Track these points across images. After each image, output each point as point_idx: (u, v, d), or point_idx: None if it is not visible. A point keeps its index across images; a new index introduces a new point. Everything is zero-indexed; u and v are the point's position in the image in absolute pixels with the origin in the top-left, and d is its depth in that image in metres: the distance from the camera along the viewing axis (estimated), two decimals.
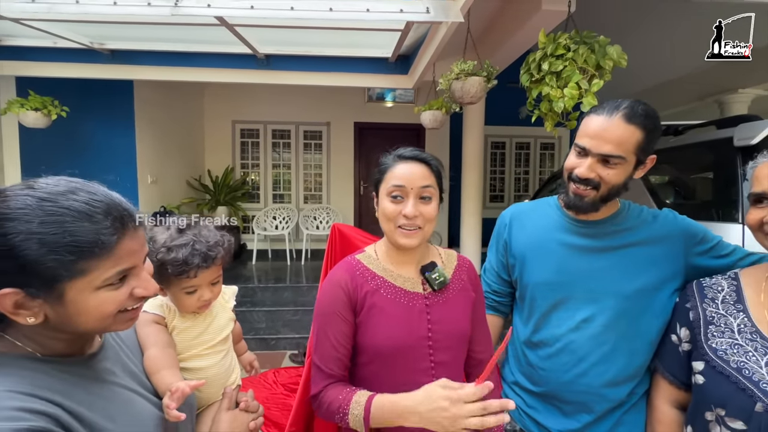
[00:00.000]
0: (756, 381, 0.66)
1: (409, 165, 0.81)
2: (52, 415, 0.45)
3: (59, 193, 0.48)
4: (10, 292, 0.44)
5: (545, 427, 0.95)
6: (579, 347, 0.90)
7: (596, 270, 0.91)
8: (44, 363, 0.49)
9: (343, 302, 0.82)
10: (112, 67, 3.22)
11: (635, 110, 0.82)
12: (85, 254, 0.46)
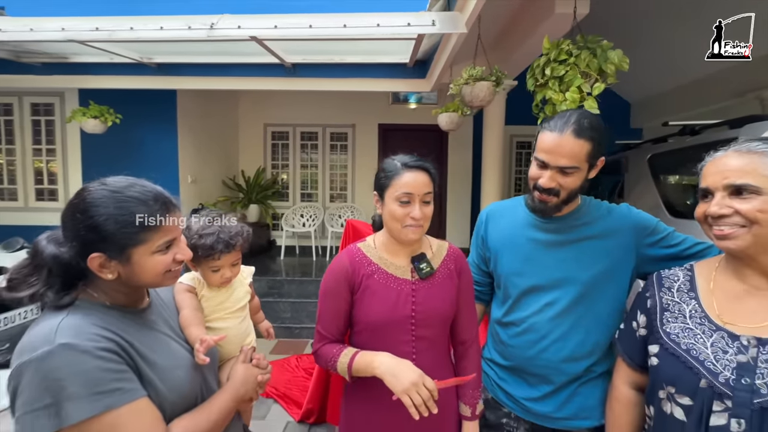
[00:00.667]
0: (702, 360, 0.73)
1: (414, 174, 0.95)
2: (116, 342, 0.65)
3: (123, 187, 0.69)
4: (96, 256, 0.65)
5: (512, 395, 1.08)
6: (541, 327, 1.03)
7: (558, 261, 1.02)
8: (111, 309, 0.70)
9: (343, 285, 1.00)
10: (158, 78, 3.59)
11: (582, 125, 0.93)
12: (142, 228, 0.66)
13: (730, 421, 0.67)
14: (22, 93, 4.30)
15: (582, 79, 1.84)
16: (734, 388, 0.67)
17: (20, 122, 4.39)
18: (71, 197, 0.70)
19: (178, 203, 0.76)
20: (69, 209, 0.68)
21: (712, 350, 0.73)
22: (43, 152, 4.44)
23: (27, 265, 0.69)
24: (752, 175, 0.70)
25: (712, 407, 0.69)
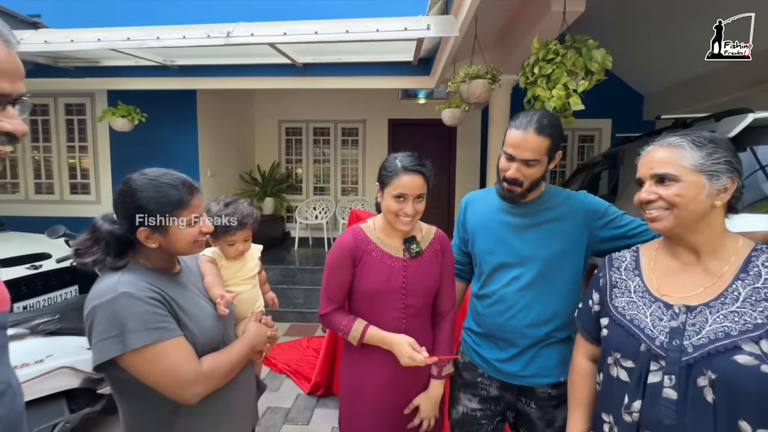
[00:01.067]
0: (642, 328, 0.82)
1: (411, 177, 1.12)
2: (160, 294, 0.85)
3: (158, 176, 0.89)
4: (144, 230, 0.86)
5: (485, 358, 1.25)
6: (509, 298, 1.19)
7: (523, 241, 1.18)
8: (153, 271, 0.91)
9: (347, 258, 1.19)
10: (180, 79, 3.85)
11: (542, 124, 1.08)
12: (177, 206, 0.87)
13: (663, 378, 0.76)
14: (57, 94, 4.65)
15: (568, 77, 1.97)
16: (667, 349, 0.77)
17: (55, 121, 4.76)
18: (120, 185, 0.90)
19: (200, 187, 0.96)
20: (119, 195, 0.89)
21: (650, 319, 0.83)
22: (76, 149, 4.80)
23: (88, 239, 0.90)
24: (672, 165, 0.81)
25: (650, 367, 0.79)
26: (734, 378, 0.67)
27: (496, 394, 1.25)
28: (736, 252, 0.79)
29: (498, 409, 1.26)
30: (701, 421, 0.70)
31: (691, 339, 0.74)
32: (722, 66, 4.91)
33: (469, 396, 1.28)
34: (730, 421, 0.68)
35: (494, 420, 1.27)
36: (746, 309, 0.71)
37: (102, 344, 0.76)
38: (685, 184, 0.79)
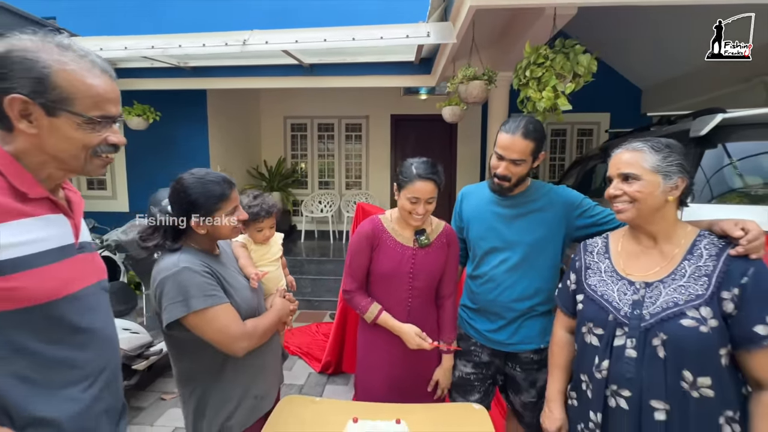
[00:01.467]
0: (610, 301, 0.98)
1: (424, 183, 1.28)
2: (210, 269, 1.05)
3: (203, 175, 1.09)
4: (196, 219, 1.05)
5: (477, 329, 1.45)
6: (497, 278, 1.39)
7: (511, 228, 1.38)
8: (202, 252, 1.11)
9: (365, 245, 1.40)
10: (192, 80, 4.03)
11: (528, 129, 1.26)
12: (220, 200, 1.06)
13: (626, 341, 0.92)
14: None
15: (557, 80, 2.14)
16: (629, 318, 0.92)
17: None
18: (173, 183, 1.10)
19: (236, 183, 1.16)
20: (174, 192, 1.08)
21: (617, 294, 0.99)
22: None
23: (150, 227, 1.10)
24: (634, 166, 0.96)
25: (615, 333, 0.95)
26: (680, 337, 0.86)
27: (487, 360, 1.45)
28: (685, 237, 0.96)
29: (489, 373, 1.47)
30: (654, 373, 0.88)
31: (648, 309, 0.91)
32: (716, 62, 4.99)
33: (464, 362, 1.49)
34: (676, 371, 0.86)
35: (486, 382, 1.48)
36: (690, 283, 0.89)
37: (171, 307, 0.97)
38: (645, 182, 0.94)
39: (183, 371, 1.11)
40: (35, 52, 0.66)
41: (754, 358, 0.83)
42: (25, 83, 0.66)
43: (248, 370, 1.14)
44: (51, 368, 0.70)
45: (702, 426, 0.85)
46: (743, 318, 0.83)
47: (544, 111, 2.25)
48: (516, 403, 1.48)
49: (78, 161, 0.74)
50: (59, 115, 0.69)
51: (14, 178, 0.69)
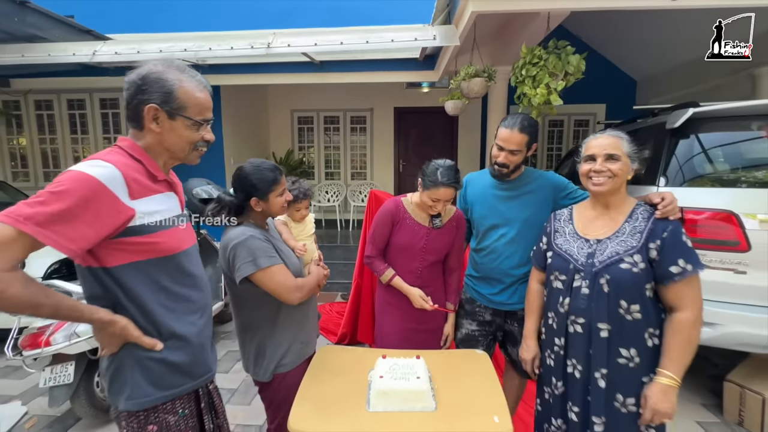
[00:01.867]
0: (571, 254, 1.25)
1: (446, 189, 1.52)
2: (267, 237, 1.33)
3: (259, 164, 1.36)
4: (255, 199, 1.32)
5: (481, 293, 1.73)
6: (497, 249, 1.66)
7: (508, 208, 1.65)
8: (257, 227, 1.38)
9: (388, 220, 1.67)
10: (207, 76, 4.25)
11: (524, 124, 1.52)
12: (273, 183, 1.33)
13: (582, 283, 1.23)
14: (93, 90, 5.07)
15: (549, 78, 2.39)
16: (584, 265, 1.23)
17: (92, 115, 5.19)
18: (236, 171, 1.36)
19: (284, 171, 1.42)
20: (236, 177, 1.35)
21: (576, 249, 1.27)
22: (111, 141, 5.25)
23: (216, 205, 1.37)
24: (617, 149, 1.22)
25: (574, 278, 1.24)
26: (619, 277, 1.15)
27: (489, 319, 1.74)
28: (628, 206, 1.24)
29: (491, 330, 1.75)
30: (600, 304, 1.18)
31: (598, 258, 1.21)
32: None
33: (470, 321, 1.77)
34: (615, 301, 1.16)
35: (488, 338, 1.76)
36: (628, 238, 1.18)
37: (243, 266, 1.24)
38: (622, 163, 1.20)
39: (244, 321, 1.40)
40: (164, 74, 0.93)
41: (669, 290, 1.13)
42: (157, 96, 0.93)
43: (295, 320, 1.43)
44: (179, 301, 0.99)
45: (632, 340, 1.16)
46: (662, 261, 1.12)
47: (538, 106, 2.51)
48: (513, 354, 1.77)
49: (184, 153, 1.01)
50: (176, 118, 0.96)
51: (148, 165, 0.96)
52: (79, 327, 1.94)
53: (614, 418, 1.18)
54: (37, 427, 2.16)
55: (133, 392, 0.94)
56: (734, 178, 2.05)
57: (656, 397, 1.09)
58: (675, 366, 1.09)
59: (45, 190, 0.81)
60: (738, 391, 2.09)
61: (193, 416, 1.04)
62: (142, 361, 0.94)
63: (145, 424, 0.96)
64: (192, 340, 1.00)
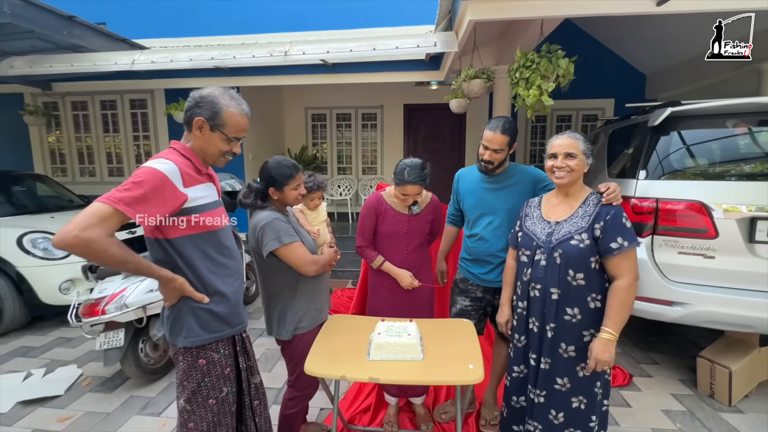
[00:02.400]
0: (535, 233, 1.54)
1: (413, 186, 1.80)
2: (288, 219, 1.62)
3: (281, 160, 1.64)
4: (272, 189, 1.61)
5: (473, 273, 1.98)
6: (486, 235, 1.91)
7: (495, 198, 1.89)
8: (278, 212, 1.67)
9: (372, 213, 1.94)
10: (228, 79, 4.57)
11: (505, 127, 1.76)
12: (289, 178, 1.62)
13: (541, 257, 1.49)
14: (123, 92, 5.47)
15: (541, 80, 2.60)
16: (544, 242, 1.49)
17: (122, 115, 5.61)
18: (262, 165, 1.65)
19: (301, 168, 1.70)
20: (262, 170, 1.64)
21: (540, 229, 1.53)
22: (140, 138, 5.66)
23: (248, 191, 1.66)
24: (575, 148, 1.46)
25: (536, 252, 1.52)
26: (568, 251, 1.40)
27: (480, 296, 1.99)
28: (583, 194, 1.49)
29: (482, 305, 2.01)
30: (553, 273, 1.44)
31: (555, 236, 1.47)
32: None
33: (463, 297, 2.03)
34: (565, 271, 1.41)
35: (479, 312, 2.02)
36: (578, 220, 1.42)
37: (269, 242, 1.53)
38: (579, 160, 1.45)
39: (269, 290, 1.70)
40: (217, 97, 1.22)
41: (610, 262, 1.38)
42: (207, 112, 1.21)
43: (310, 291, 1.72)
44: (220, 267, 1.29)
45: (576, 301, 1.42)
46: (604, 239, 1.37)
47: (532, 105, 2.72)
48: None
49: (213, 158, 1.29)
50: (216, 132, 1.24)
51: (195, 162, 1.25)
52: (128, 299, 2.29)
53: (558, 360, 1.47)
54: (92, 386, 2.53)
55: (188, 333, 1.24)
56: (706, 172, 2.23)
57: (598, 348, 1.34)
58: (613, 323, 1.34)
59: (129, 180, 1.11)
60: (709, 365, 2.30)
61: (231, 356, 1.34)
62: (195, 310, 1.25)
63: (197, 358, 1.26)
64: (230, 297, 1.30)
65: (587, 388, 1.49)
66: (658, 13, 2.51)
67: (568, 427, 1.53)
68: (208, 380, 1.28)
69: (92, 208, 1.05)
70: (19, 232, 3.30)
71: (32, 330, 3.41)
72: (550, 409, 1.53)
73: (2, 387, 2.47)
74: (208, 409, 1.28)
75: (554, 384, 1.51)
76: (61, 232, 1.02)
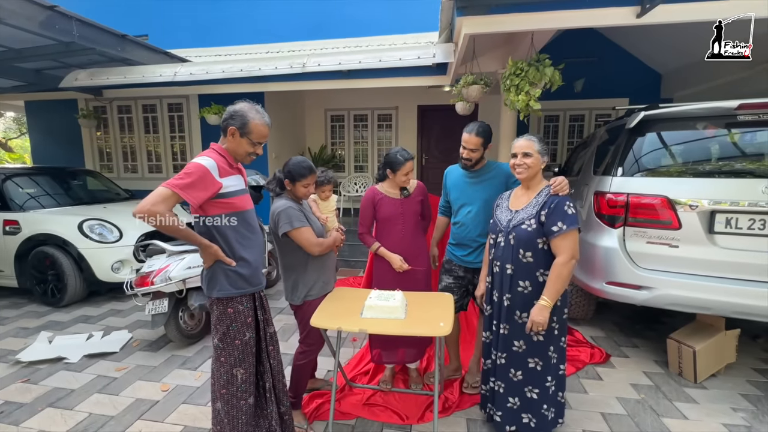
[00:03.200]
0: (500, 220, 1.86)
1: (409, 162, 2.18)
2: (300, 207, 2.01)
3: (301, 160, 2.03)
4: (287, 181, 2.00)
5: (456, 255, 2.31)
6: (466, 222, 2.23)
7: (474, 191, 2.21)
8: (292, 201, 2.06)
9: (370, 203, 2.30)
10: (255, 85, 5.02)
11: (479, 130, 2.08)
12: (302, 177, 1.99)
13: (502, 239, 1.81)
14: (162, 96, 6.08)
15: (530, 87, 2.89)
16: (506, 227, 1.81)
17: (161, 117, 6.22)
18: (287, 161, 2.04)
19: (315, 169, 2.08)
20: (284, 165, 2.03)
21: (504, 217, 1.86)
22: (177, 138, 6.26)
23: (272, 179, 2.06)
24: (530, 148, 1.78)
25: (498, 235, 1.85)
26: (520, 234, 1.72)
27: (462, 275, 2.32)
28: (540, 187, 1.79)
29: (463, 283, 2.33)
30: (508, 252, 1.76)
31: (512, 222, 1.78)
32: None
33: (448, 276, 2.36)
34: (517, 250, 1.73)
35: (461, 289, 2.34)
36: (530, 209, 1.73)
37: (283, 225, 1.92)
38: (534, 158, 1.77)
39: (286, 263, 2.09)
40: (246, 112, 1.61)
41: (552, 242, 1.68)
42: (238, 123, 1.61)
43: (319, 266, 2.10)
44: (245, 238, 1.68)
45: (526, 275, 1.73)
46: (547, 223, 1.67)
47: (523, 109, 3.01)
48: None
49: (241, 156, 1.68)
50: (244, 137, 1.63)
51: (228, 158, 1.65)
52: (171, 273, 2.76)
53: (514, 325, 1.78)
54: (140, 346, 3.03)
55: (220, 288, 1.65)
56: (674, 170, 2.46)
57: (534, 312, 1.66)
58: (549, 293, 1.64)
59: (182, 172, 1.52)
60: (677, 345, 2.53)
61: (252, 309, 1.73)
62: (225, 272, 1.65)
63: (226, 307, 1.66)
64: (252, 262, 1.69)
65: (541, 351, 1.78)
66: (638, 24, 2.73)
67: (527, 385, 1.82)
68: (235, 326, 1.67)
69: (158, 190, 1.46)
70: (80, 219, 3.88)
71: (89, 303, 3.99)
72: (510, 368, 1.84)
73: (70, 344, 3.01)
74: (235, 348, 1.68)
75: (512, 346, 1.82)
76: (139, 205, 1.44)
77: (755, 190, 2.18)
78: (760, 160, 2.26)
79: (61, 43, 3.61)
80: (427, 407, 2.23)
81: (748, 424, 2.09)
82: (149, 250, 3.00)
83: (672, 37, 6.04)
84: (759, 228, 2.20)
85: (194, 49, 5.92)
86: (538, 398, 1.79)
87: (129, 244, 3.91)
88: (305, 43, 5.61)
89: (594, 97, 6.99)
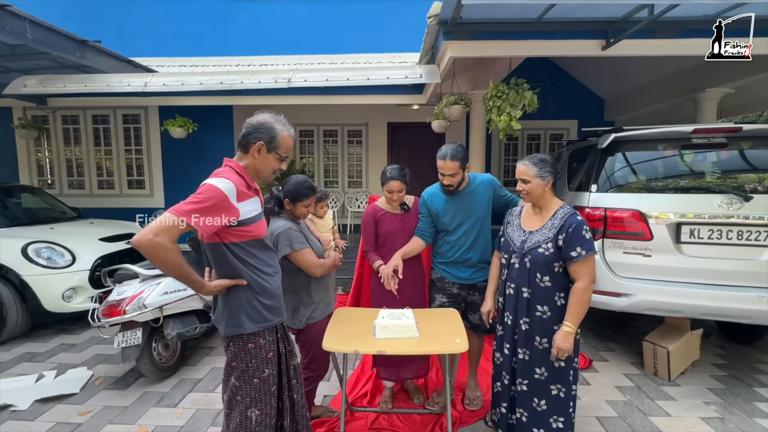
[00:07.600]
0: (512, 240, 1.91)
1: (394, 182, 2.18)
2: (299, 228, 1.94)
3: (302, 180, 1.97)
4: (287, 201, 1.92)
5: (449, 272, 2.32)
6: (460, 241, 2.26)
7: (463, 210, 2.24)
8: (291, 221, 1.98)
9: (371, 220, 2.28)
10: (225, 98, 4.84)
11: (453, 153, 2.09)
12: (303, 197, 1.93)
13: (516, 260, 1.85)
14: (116, 107, 5.63)
15: (510, 108, 3.06)
16: (519, 248, 1.85)
17: (115, 129, 5.75)
18: (285, 181, 1.96)
19: (317, 189, 2.02)
20: (285, 183, 1.95)
21: (516, 237, 1.88)
22: (132, 152, 5.80)
23: (271, 197, 1.97)
24: (526, 174, 1.82)
25: (512, 256, 1.88)
26: (536, 257, 1.76)
27: (456, 292, 2.33)
28: (554, 207, 1.84)
29: (458, 300, 2.35)
30: (524, 275, 1.79)
31: (527, 244, 1.82)
32: (667, 75, 5.87)
33: (441, 294, 2.35)
34: (534, 274, 1.76)
35: (455, 306, 2.34)
36: (546, 231, 1.79)
37: (283, 248, 1.84)
38: (532, 183, 1.80)
39: (287, 285, 1.98)
40: (273, 124, 1.50)
41: (571, 267, 1.71)
42: (265, 137, 1.49)
43: (321, 287, 2.03)
44: (266, 266, 1.54)
45: (544, 299, 1.76)
46: (566, 248, 1.71)
47: (503, 129, 3.17)
48: (474, 320, 2.36)
49: (266, 174, 1.57)
50: (272, 152, 1.52)
51: (247, 179, 1.53)
52: (146, 300, 2.51)
53: (534, 351, 1.78)
54: (105, 384, 2.69)
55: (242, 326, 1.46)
56: (643, 186, 2.72)
57: (559, 339, 1.67)
58: (572, 318, 1.66)
59: (193, 195, 1.35)
60: (652, 347, 2.74)
61: (273, 343, 1.53)
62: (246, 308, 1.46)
63: (247, 343, 1.47)
64: (275, 291, 1.53)
65: (563, 377, 1.77)
66: (604, 55, 3.03)
67: (552, 415, 1.78)
68: (254, 362, 1.48)
69: (163, 217, 1.27)
70: (23, 242, 3.43)
71: (33, 337, 3.50)
72: (533, 397, 1.81)
73: (16, 388, 2.60)
74: (252, 387, 1.49)
75: (534, 374, 1.79)
76: (138, 234, 1.25)
77: (712, 204, 2.47)
78: (714, 178, 2.57)
79: (6, 46, 3.23)
80: (434, 426, 2.20)
81: (721, 415, 2.30)
82: (118, 275, 2.71)
83: (613, 68, 6.74)
84: (717, 237, 2.48)
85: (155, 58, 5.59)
86: (564, 427, 1.79)
87: (83, 269, 3.52)
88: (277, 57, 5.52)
89: (547, 118, 7.57)
